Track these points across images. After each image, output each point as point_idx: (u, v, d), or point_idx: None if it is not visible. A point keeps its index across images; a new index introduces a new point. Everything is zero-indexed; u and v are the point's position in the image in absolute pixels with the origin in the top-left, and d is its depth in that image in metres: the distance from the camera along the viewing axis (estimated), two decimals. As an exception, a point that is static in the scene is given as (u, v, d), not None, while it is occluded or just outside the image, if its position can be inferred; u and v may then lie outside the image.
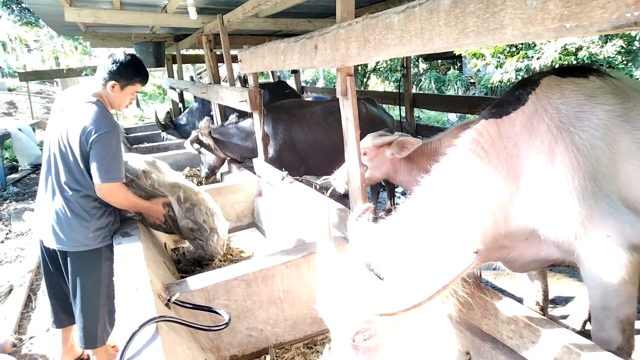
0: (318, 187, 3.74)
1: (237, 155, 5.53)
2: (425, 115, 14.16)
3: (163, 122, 8.53)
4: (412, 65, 9.57)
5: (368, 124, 4.85)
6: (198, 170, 6.18)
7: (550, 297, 3.40)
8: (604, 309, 1.79)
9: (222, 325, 2.20)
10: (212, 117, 6.58)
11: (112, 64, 2.87)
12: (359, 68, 16.61)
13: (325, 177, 3.74)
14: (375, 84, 18.09)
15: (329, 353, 2.54)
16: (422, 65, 19.15)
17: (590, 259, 1.76)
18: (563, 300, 3.63)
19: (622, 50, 8.23)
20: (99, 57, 21.99)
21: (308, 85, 17.57)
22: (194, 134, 5.38)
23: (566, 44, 8.44)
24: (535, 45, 9.25)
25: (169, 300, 2.32)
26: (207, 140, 5.28)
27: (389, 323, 1.63)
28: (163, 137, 8.58)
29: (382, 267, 1.67)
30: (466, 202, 1.76)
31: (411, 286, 1.42)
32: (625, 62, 8.55)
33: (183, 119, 8.59)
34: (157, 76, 19.38)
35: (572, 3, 1.27)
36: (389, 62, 16.62)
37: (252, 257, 3.98)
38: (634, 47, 8.15)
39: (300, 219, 3.77)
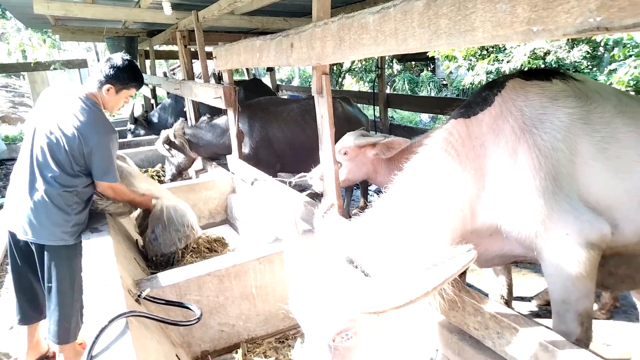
0: (293, 184, 3.75)
1: (211, 154, 5.48)
2: (399, 116, 14.34)
3: (136, 117, 8.35)
4: (386, 66, 9.70)
5: (344, 123, 4.90)
6: (163, 170, 6.09)
7: (515, 292, 3.52)
8: (564, 302, 1.87)
9: (193, 320, 2.20)
10: (185, 113, 6.51)
11: (110, 68, 2.94)
12: (335, 68, 16.69)
13: (301, 174, 3.75)
14: (351, 84, 18.21)
15: (301, 348, 2.57)
16: (397, 67, 19.38)
17: (550, 256, 1.83)
18: (527, 295, 3.76)
19: (587, 56, 8.55)
20: (68, 51, 21.37)
21: (283, 83, 17.54)
22: (164, 134, 5.29)
23: (535, 48, 8.71)
24: (505, 49, 9.52)
25: (139, 295, 2.30)
26: (180, 140, 5.21)
27: (369, 322, 1.61)
28: (130, 129, 8.36)
29: (365, 262, 1.64)
30: (437, 199, 1.81)
31: (404, 283, 1.37)
32: (590, 66, 8.89)
33: (155, 115, 8.45)
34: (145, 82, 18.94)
35: (539, 7, 1.33)
36: (364, 63, 16.76)
37: (229, 249, 3.95)
38: (599, 53, 8.48)
39: (274, 216, 3.78)
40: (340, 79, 17.28)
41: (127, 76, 2.99)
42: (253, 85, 8.51)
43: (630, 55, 8.07)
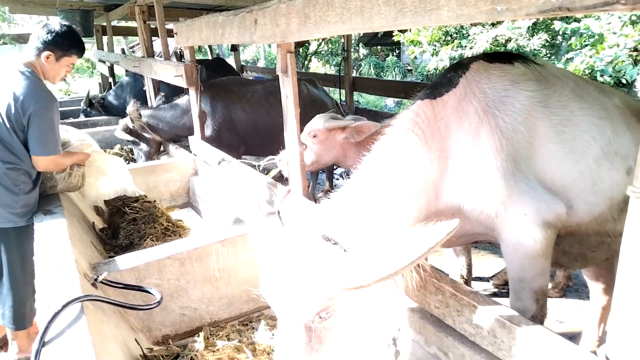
0: (262, 168, 3.69)
1: (171, 136, 5.32)
2: (365, 100, 14.38)
3: (91, 100, 7.97)
4: (352, 50, 9.65)
5: (309, 105, 4.85)
6: (129, 148, 5.86)
7: (474, 272, 3.62)
8: (520, 280, 1.93)
9: (153, 304, 2.14)
10: (144, 92, 6.28)
11: (47, 33, 2.74)
12: (300, 50, 16.50)
13: (270, 157, 3.69)
14: (317, 67, 18.09)
15: (264, 329, 2.56)
16: (363, 51, 19.38)
17: (509, 235, 1.88)
18: (486, 275, 3.88)
19: (546, 44, 8.78)
20: (19, 25, 20.17)
21: (248, 64, 17.21)
22: (122, 123, 5.08)
23: (497, 35, 8.88)
24: (468, 35, 9.66)
25: (95, 279, 2.21)
26: (138, 124, 5.01)
27: (347, 300, 1.55)
28: (82, 109, 7.97)
29: (340, 240, 1.58)
30: (404, 179, 1.81)
31: (388, 255, 1.33)
32: (549, 55, 9.15)
33: (111, 95, 8.09)
34: (86, 48, 18.12)
35: (502, -13, 1.32)
36: (330, 46, 16.66)
37: (191, 233, 3.86)
38: (557, 42, 8.72)
39: (238, 199, 3.72)
40: (306, 62, 17.12)
41: (67, 42, 2.80)
42: (216, 64, 8.28)
43: (586, 45, 8.36)
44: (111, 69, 9.97)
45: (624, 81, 7.59)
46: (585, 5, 1.14)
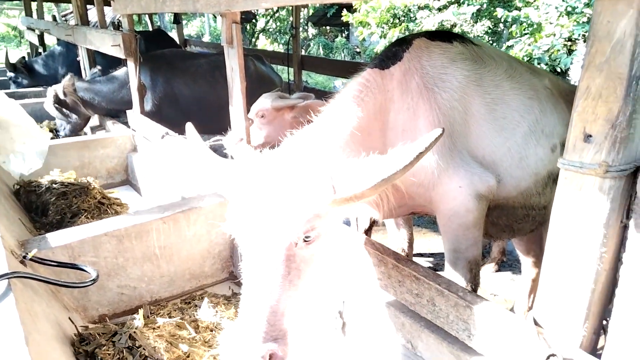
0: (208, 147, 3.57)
1: (108, 110, 5.03)
2: (313, 80, 14.31)
3: (14, 64, 7.34)
4: (301, 29, 9.53)
5: (256, 82, 4.75)
6: (54, 125, 5.48)
7: (416, 249, 3.75)
8: (455, 251, 2.02)
9: (88, 282, 2.04)
10: (78, 63, 5.89)
11: None
12: (247, 27, 16.11)
13: (217, 137, 3.57)
14: (264, 45, 17.75)
15: (208, 307, 2.52)
16: (312, 31, 19.21)
17: (445, 207, 1.96)
18: (426, 252, 4.03)
19: (489, 31, 9.09)
20: None
21: (192, 39, 16.57)
22: (52, 92, 4.72)
23: (443, 20, 9.07)
24: (416, 19, 9.81)
25: (24, 257, 2.07)
26: (71, 98, 4.70)
27: (331, 221, 1.46)
28: (10, 78, 7.39)
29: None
30: (351, 146, 1.80)
31: (381, 162, 1.30)
32: (491, 41, 9.48)
33: (39, 62, 7.50)
34: (12, 15, 16.72)
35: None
36: (278, 24, 16.37)
37: (126, 211, 3.71)
38: (499, 29, 9.05)
39: (181, 177, 3.60)
40: (253, 39, 16.74)
41: None
42: (157, 37, 7.88)
43: (526, 34, 8.74)
44: (41, 37, 9.24)
45: (558, 69, 8.03)
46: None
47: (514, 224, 2.23)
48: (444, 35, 2.10)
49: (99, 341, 2.03)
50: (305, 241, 1.39)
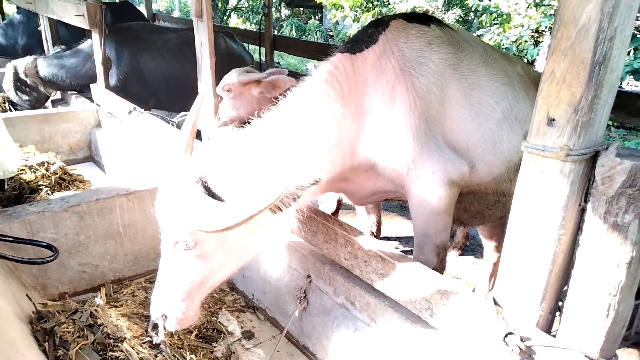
0: (175, 125, 3.49)
1: (72, 85, 4.81)
2: (285, 62, 14.11)
3: None
4: (274, 9, 9.35)
5: (227, 59, 4.64)
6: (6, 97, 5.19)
7: (384, 232, 3.79)
8: (424, 235, 2.04)
9: (48, 257, 1.97)
10: (39, 33, 5.61)
11: None
12: (219, 4, 15.71)
13: (183, 113, 3.49)
14: (236, 24, 17.36)
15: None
16: (285, 11, 18.91)
17: (417, 192, 1.96)
18: (393, 235, 4.09)
19: (460, 19, 9.17)
20: None
21: (161, 14, 16.04)
22: (10, 69, 4.47)
23: (415, 6, 9.09)
24: (389, 4, 9.79)
25: (-23, 232, 1.99)
26: (32, 80, 4.48)
27: (214, 237, 1.65)
28: None
29: (218, 184, 1.62)
30: (318, 130, 1.80)
31: (226, 209, 1.44)
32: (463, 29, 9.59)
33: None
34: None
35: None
36: (250, 3, 16.04)
37: (88, 187, 3.59)
38: (470, 18, 9.15)
39: (147, 154, 3.51)
40: (225, 17, 16.36)
41: None
42: (124, 9, 7.54)
43: (495, 24, 8.88)
44: (-1, 5, 8.76)
45: (525, 60, 8.20)
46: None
47: (485, 210, 2.27)
48: (421, 18, 2.07)
49: (59, 319, 1.98)
50: (182, 246, 1.65)
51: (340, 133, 1.85)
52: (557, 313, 1.50)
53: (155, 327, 1.83)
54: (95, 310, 2.05)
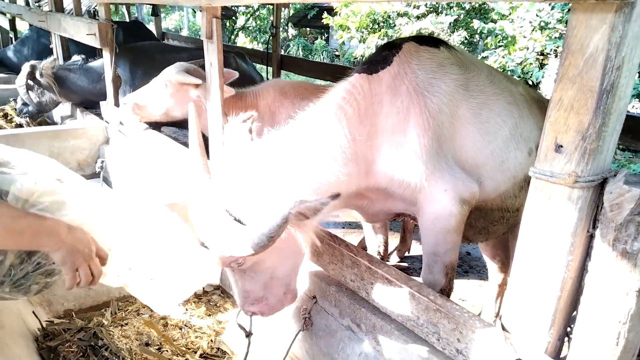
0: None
1: (83, 100, 4.88)
2: (291, 81, 14.25)
3: None
4: (281, 29, 9.51)
5: (236, 78, 4.68)
6: (14, 103, 5.19)
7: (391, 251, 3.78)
8: (434, 254, 2.05)
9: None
10: (50, 50, 5.72)
11: None
12: (227, 24, 15.97)
13: None
14: (244, 43, 17.63)
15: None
16: (292, 31, 19.19)
17: (428, 210, 1.98)
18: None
19: (465, 41, 9.27)
20: None
21: (170, 32, 16.31)
22: (27, 68, 4.55)
23: (421, 29, 9.21)
24: (395, 26, 9.93)
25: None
26: (47, 80, 4.54)
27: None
28: None
29: (241, 205, 1.67)
30: (336, 147, 1.83)
31: (252, 232, 1.51)
32: (467, 52, 9.68)
33: (10, 50, 7.25)
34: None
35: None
36: (258, 22, 16.30)
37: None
38: (475, 40, 9.26)
39: (156, 170, 3.54)
40: (233, 37, 16.61)
41: None
42: (134, 28, 7.69)
43: (500, 46, 8.97)
44: (12, 22, 8.94)
45: (530, 82, 8.26)
46: (505, -8, 1.20)
47: (490, 226, 2.29)
48: (430, 41, 2.13)
49: (64, 337, 1.97)
50: (238, 264, 1.79)
51: (356, 149, 1.88)
52: (566, 339, 1.49)
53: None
54: (100, 330, 2.04)
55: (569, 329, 1.47)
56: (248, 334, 2.10)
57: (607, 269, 1.25)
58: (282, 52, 15.60)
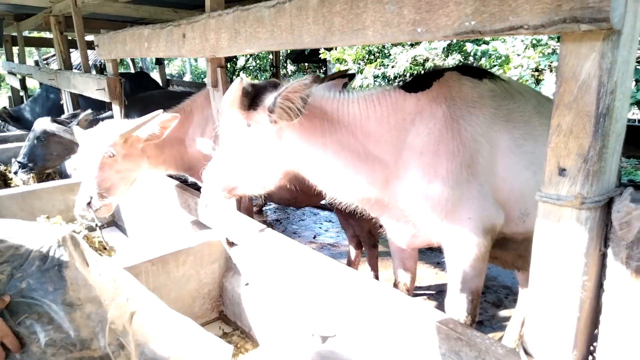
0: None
1: None
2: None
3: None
4: (281, 66, 9.73)
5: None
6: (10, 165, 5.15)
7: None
8: (459, 281, 2.05)
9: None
10: (62, 106, 5.90)
11: None
12: (229, 65, 16.36)
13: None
14: (245, 83, 17.99)
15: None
16: (291, 67, 19.60)
17: (453, 237, 2.00)
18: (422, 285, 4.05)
19: (459, 64, 9.41)
20: None
21: (174, 78, 16.74)
22: (51, 124, 4.58)
23: (415, 56, 9.39)
24: (390, 55, 10.13)
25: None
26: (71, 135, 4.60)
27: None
28: (2, 127, 7.33)
29: None
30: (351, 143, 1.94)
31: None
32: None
33: (26, 109, 7.48)
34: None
35: (422, 10, 1.44)
36: (258, 62, 16.70)
37: (113, 254, 3.66)
38: (469, 62, 9.40)
39: (169, 216, 3.60)
40: (234, 77, 16.99)
41: None
42: (140, 78, 7.97)
43: (495, 65, 9.10)
44: (23, 81, 9.26)
45: (529, 99, 8.31)
46: (494, 29, 1.27)
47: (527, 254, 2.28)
48: (474, 71, 2.16)
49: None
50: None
51: (378, 152, 2.00)
52: (590, 358, 1.48)
53: None
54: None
55: (592, 347, 1.46)
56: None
57: (623, 287, 1.26)
58: (283, 89, 15.81)
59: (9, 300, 1.30)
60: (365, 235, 3.64)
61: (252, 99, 2.01)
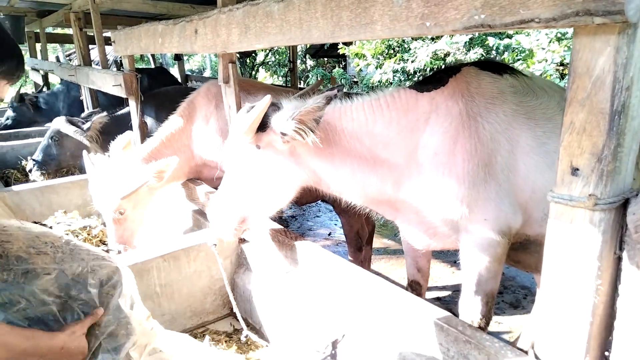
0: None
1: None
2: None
3: (23, 96, 7.16)
4: (299, 61, 9.72)
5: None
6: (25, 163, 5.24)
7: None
8: (474, 283, 2.00)
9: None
10: (80, 101, 6.00)
11: None
12: (248, 60, 16.45)
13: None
14: (264, 77, 18.07)
15: (209, 344, 2.50)
16: (310, 62, 19.58)
17: (469, 238, 1.95)
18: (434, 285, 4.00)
19: (481, 58, 9.23)
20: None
21: (194, 74, 16.90)
22: (68, 124, 4.66)
23: (436, 50, 9.25)
24: (410, 50, 10.01)
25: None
26: (92, 134, 4.64)
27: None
28: (10, 104, 7.29)
29: None
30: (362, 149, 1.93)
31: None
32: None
33: (45, 99, 7.53)
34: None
35: (431, 3, 1.39)
36: (277, 57, 16.73)
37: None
38: (491, 56, 9.22)
39: (180, 213, 3.62)
40: (253, 72, 17.07)
41: None
42: (158, 74, 8.03)
43: (518, 59, 8.91)
44: (45, 77, 9.45)
45: (552, 93, 8.11)
46: (504, 22, 1.22)
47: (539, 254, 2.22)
48: (493, 66, 2.08)
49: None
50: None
51: (387, 155, 1.96)
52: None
53: None
54: (134, 375, 2.06)
55: (607, 353, 1.41)
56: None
57: (638, 292, 1.20)
58: (302, 84, 15.89)
59: (101, 313, 1.36)
60: (352, 236, 3.57)
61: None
